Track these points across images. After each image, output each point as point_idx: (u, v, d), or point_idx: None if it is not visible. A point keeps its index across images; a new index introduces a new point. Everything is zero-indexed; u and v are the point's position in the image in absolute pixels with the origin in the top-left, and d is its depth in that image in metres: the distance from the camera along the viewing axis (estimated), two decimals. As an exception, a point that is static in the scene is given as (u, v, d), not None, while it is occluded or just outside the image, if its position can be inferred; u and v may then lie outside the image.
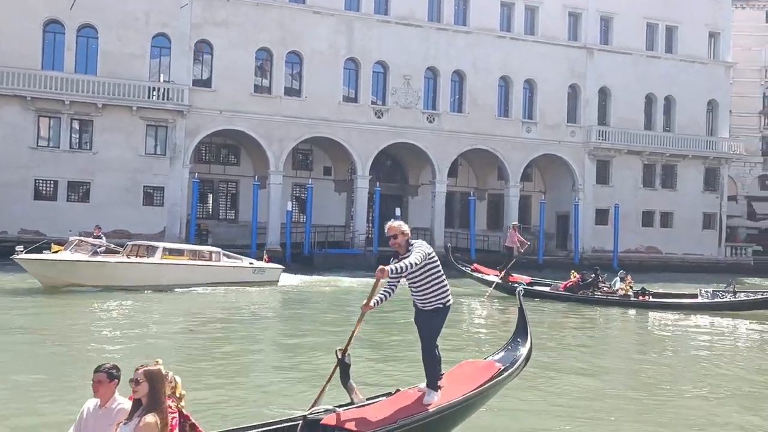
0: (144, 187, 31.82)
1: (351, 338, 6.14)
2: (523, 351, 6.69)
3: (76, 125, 31.34)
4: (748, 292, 17.60)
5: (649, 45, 41.25)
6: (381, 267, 5.77)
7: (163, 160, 32.17)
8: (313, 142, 36.27)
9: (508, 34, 38.12)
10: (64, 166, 30.66)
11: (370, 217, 36.10)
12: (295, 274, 25.66)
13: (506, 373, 6.40)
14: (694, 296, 19.09)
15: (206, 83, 33.44)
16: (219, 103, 32.95)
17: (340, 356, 6.05)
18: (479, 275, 21.78)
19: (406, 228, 6.30)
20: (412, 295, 6.29)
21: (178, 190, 32.15)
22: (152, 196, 32.06)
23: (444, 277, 6.33)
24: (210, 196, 37.08)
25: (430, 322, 6.27)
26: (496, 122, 37.83)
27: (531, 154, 38.55)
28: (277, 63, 34.18)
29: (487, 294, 19.91)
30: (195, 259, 21.44)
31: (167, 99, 31.95)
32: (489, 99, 37.75)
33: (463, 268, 22.29)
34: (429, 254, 6.13)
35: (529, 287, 20.50)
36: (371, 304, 6.00)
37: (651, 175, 41.12)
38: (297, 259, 31.26)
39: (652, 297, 19.26)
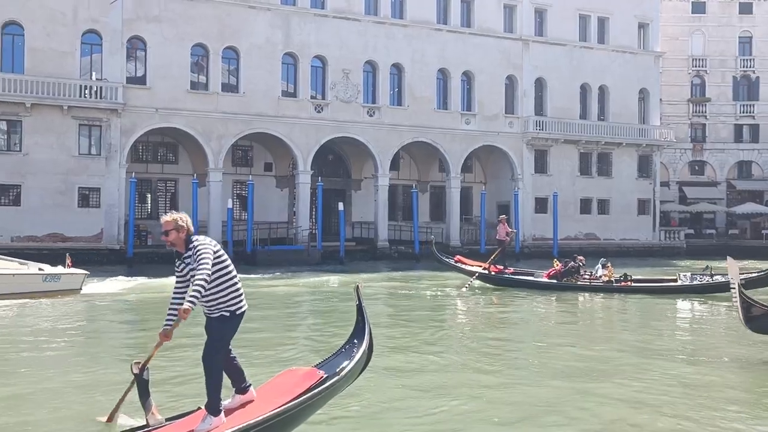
0: (79, 188, 30.92)
1: (151, 355, 5.68)
2: (357, 355, 6.00)
3: (3, 126, 30.23)
4: (723, 275, 18.31)
5: (582, 36, 42.18)
6: (164, 330, 5.44)
7: (99, 160, 31.33)
8: (253, 138, 35.87)
9: (444, 26, 38.41)
10: (-7, 169, 29.54)
11: (314, 213, 35.94)
12: (117, 276, 23.25)
13: (328, 383, 5.73)
14: (674, 281, 19.78)
15: (141, 80, 32.66)
16: (155, 100, 32.25)
17: (136, 371, 5.52)
18: (462, 266, 21.98)
19: (184, 222, 5.63)
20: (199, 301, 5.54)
21: (115, 190, 31.37)
22: (88, 197, 31.19)
23: (236, 279, 5.66)
24: (149, 195, 36.31)
25: (214, 331, 5.56)
26: (436, 114, 38.12)
27: (471, 146, 39.00)
28: (213, 59, 33.63)
29: (468, 284, 20.28)
30: None
31: (100, 98, 31.10)
32: (428, 92, 38.00)
33: (446, 260, 22.62)
34: (217, 254, 5.53)
35: (513, 277, 21.05)
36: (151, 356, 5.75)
37: (587, 164, 42.12)
38: (240, 257, 30.89)
39: (634, 282, 19.78)
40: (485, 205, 38.23)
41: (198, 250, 5.43)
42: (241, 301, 5.63)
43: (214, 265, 5.46)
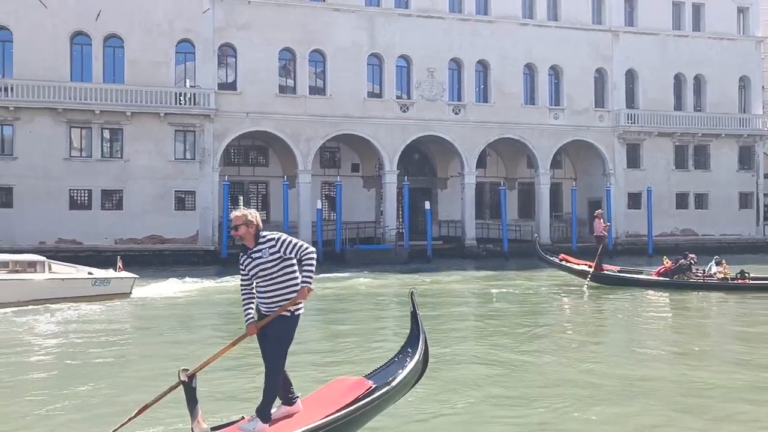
0: (175, 192, 32.20)
1: (210, 361, 5.46)
2: (410, 365, 5.72)
3: (106, 134, 31.83)
4: None
5: (675, 24, 40.58)
6: (250, 323, 5.33)
7: (193, 164, 32.52)
8: (339, 139, 36.36)
9: (530, 21, 37.79)
10: (97, 175, 31.16)
11: (400, 212, 36.10)
12: (206, 276, 22.87)
13: (377, 394, 5.46)
14: None
15: (232, 86, 33.70)
16: (245, 105, 33.20)
17: (184, 378, 5.30)
18: (569, 265, 21.40)
19: (253, 217, 5.55)
20: (259, 297, 5.49)
21: (209, 193, 32.48)
22: (184, 200, 32.44)
23: (298, 278, 5.48)
24: (241, 197, 37.35)
25: (276, 332, 5.38)
26: (523, 110, 37.55)
27: (560, 141, 38.20)
28: (300, 62, 34.31)
29: (585, 286, 19.71)
30: (4, 272, 16.76)
31: (194, 104, 32.28)
32: (514, 87, 37.48)
33: (551, 259, 22.14)
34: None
35: (621, 275, 20.31)
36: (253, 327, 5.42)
37: (683, 157, 40.49)
38: (329, 257, 31.42)
39: (751, 280, 18.88)
40: (576, 201, 37.36)
41: (282, 239, 5.45)
42: (300, 302, 5.50)
43: (285, 260, 5.43)
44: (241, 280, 5.62)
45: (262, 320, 5.39)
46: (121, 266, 19.10)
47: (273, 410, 5.57)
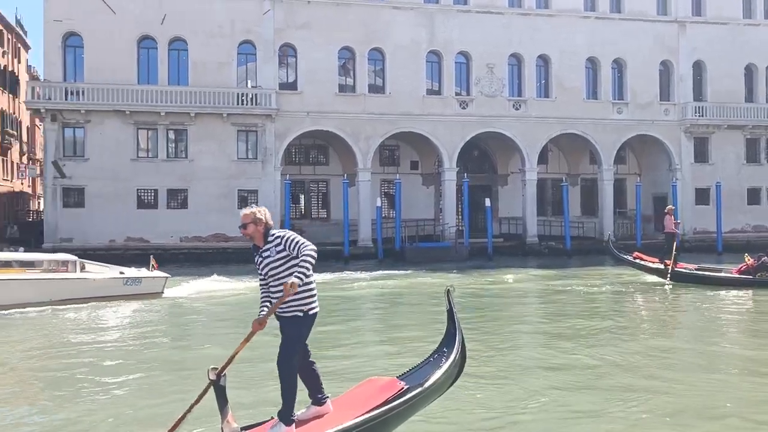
0: (238, 191, 32.81)
1: (232, 358, 5.33)
2: (445, 365, 5.59)
3: (171, 135, 32.67)
4: None
5: (746, 12, 39.13)
6: (259, 318, 5.12)
7: (255, 164, 33.07)
8: (399, 137, 36.40)
9: (593, 14, 37.03)
10: (163, 175, 32.02)
11: (460, 210, 35.91)
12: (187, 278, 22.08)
13: (408, 396, 5.33)
14: None
15: (292, 86, 34.12)
16: (305, 104, 33.57)
17: (213, 377, 5.24)
18: (643, 263, 20.99)
19: (262, 215, 5.45)
20: (271, 296, 5.41)
21: (271, 192, 32.97)
22: (246, 199, 33.01)
23: (313, 278, 5.39)
24: (302, 196, 37.87)
25: (287, 332, 5.31)
26: (585, 105, 36.85)
27: (623, 136, 37.34)
28: (359, 61, 34.48)
29: (667, 285, 19.20)
30: (38, 271, 17.12)
31: (256, 104, 32.81)
32: (576, 82, 36.80)
33: (625, 257, 21.74)
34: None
35: (701, 273, 19.71)
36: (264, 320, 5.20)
37: (755, 150, 39.03)
38: (389, 254, 31.50)
39: None
40: (640, 197, 36.44)
41: (288, 239, 5.33)
42: (314, 301, 5.40)
43: (293, 258, 5.31)
44: (260, 280, 5.56)
45: (264, 316, 5.23)
46: (155, 265, 19.03)
47: (303, 410, 5.52)
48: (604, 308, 15.99)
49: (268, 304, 5.42)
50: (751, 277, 18.53)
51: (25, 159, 55.30)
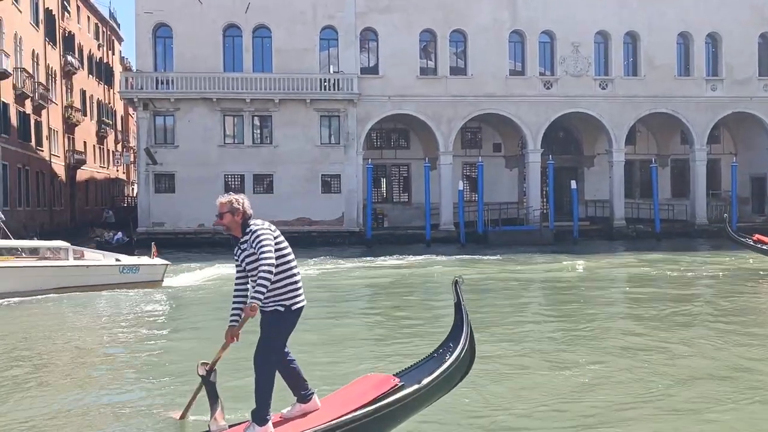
0: (322, 175, 33.23)
1: (218, 357, 5.21)
2: (449, 360, 5.23)
3: (257, 121, 33.36)
4: None
5: None
6: (230, 330, 4.93)
7: (338, 148, 33.39)
8: (481, 119, 35.95)
9: (685, -14, 35.41)
10: (249, 161, 32.77)
11: (544, 192, 35.22)
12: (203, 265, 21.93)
13: (401, 394, 5.02)
14: None
15: (373, 70, 34.18)
16: (387, 88, 33.58)
17: (202, 372, 5.07)
18: (765, 247, 20.07)
19: (240, 204, 5.12)
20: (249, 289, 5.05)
21: (354, 176, 33.23)
22: (330, 184, 33.42)
23: (295, 270, 5.05)
24: (383, 180, 38.02)
25: (266, 327, 4.99)
26: (677, 82, 35.35)
27: (718, 114, 35.64)
28: (441, 43, 34.19)
29: None
30: (30, 259, 16.43)
31: (338, 89, 33.07)
32: (667, 58, 35.32)
33: (744, 240, 20.92)
34: (277, 240, 5.01)
35: None
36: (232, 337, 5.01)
37: None
38: (471, 238, 31.26)
39: None
40: (736, 178, 34.77)
41: (256, 236, 4.96)
42: (298, 295, 5.05)
43: (278, 249, 5.00)
44: (236, 273, 5.23)
45: (236, 328, 5.01)
46: (155, 252, 18.20)
47: (288, 408, 5.31)
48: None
49: (240, 308, 5.09)
50: None
51: (119, 147, 57.82)
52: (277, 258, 4.95)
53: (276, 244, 4.99)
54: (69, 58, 41.43)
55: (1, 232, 16.56)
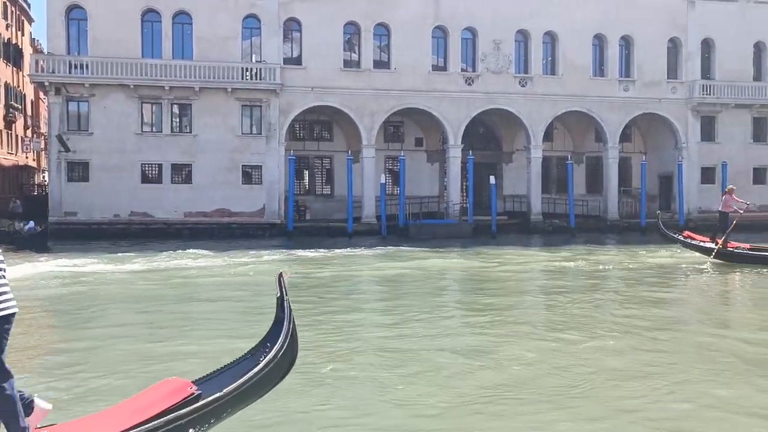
0: (242, 166, 32.76)
1: None
2: (264, 361, 4.87)
3: (176, 110, 32.56)
4: None
5: (756, -10, 38.68)
6: None
7: (260, 139, 32.98)
8: (403, 113, 36.23)
9: (601, -11, 36.61)
10: (167, 150, 31.97)
11: (464, 187, 35.83)
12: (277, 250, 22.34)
13: (195, 405, 4.58)
14: None
15: (297, 61, 33.91)
16: (310, 80, 33.38)
17: None
18: (694, 242, 20.87)
19: None
20: None
21: (275, 167, 32.92)
22: (251, 174, 32.99)
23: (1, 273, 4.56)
24: (306, 172, 37.82)
25: None
26: (592, 82, 36.58)
27: (630, 114, 37.11)
28: (365, 36, 34.23)
29: (709, 262, 19.17)
30: None
31: (260, 79, 32.65)
32: (583, 59, 36.50)
33: (674, 236, 21.74)
34: None
35: (753, 253, 19.35)
36: None
37: (762, 130, 38.77)
38: (392, 231, 31.50)
39: None
40: (646, 176, 36.31)
41: None
42: (4, 301, 4.50)
43: None
44: None
45: None
46: None
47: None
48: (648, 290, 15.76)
49: None
50: None
51: (29, 133, 55.27)
52: None
53: None
54: (-26, 37, 39.29)
55: None
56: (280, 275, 5.17)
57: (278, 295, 5.14)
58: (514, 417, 6.45)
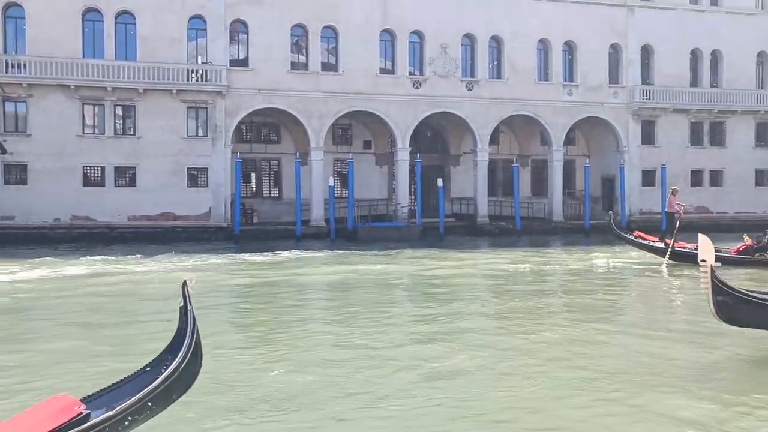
0: (188, 169, 32.26)
1: None
2: (164, 374, 4.60)
3: (119, 111, 31.86)
4: None
5: (692, -1, 40.01)
6: None
7: (206, 141, 32.53)
8: (352, 116, 36.21)
9: (545, -5, 37.31)
10: (110, 152, 31.25)
11: (413, 190, 36.01)
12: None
13: (81, 427, 4.24)
14: None
15: (243, 63, 33.57)
16: (257, 82, 33.09)
17: None
18: (645, 242, 21.38)
19: None
20: None
21: (222, 170, 32.51)
22: (197, 177, 32.50)
23: None
24: (253, 175, 37.43)
25: None
26: (537, 87, 37.22)
27: (573, 118, 37.88)
28: (312, 39, 34.10)
29: (664, 264, 19.53)
30: None
31: (206, 80, 32.20)
32: (528, 63, 37.10)
33: (626, 236, 22.15)
34: None
35: (697, 252, 19.79)
36: None
37: (699, 133, 40.06)
38: (341, 234, 31.44)
39: None
40: (589, 178, 37.10)
41: None
42: None
43: None
44: None
45: None
46: None
47: None
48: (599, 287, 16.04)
49: None
50: (749, 256, 18.92)
51: (-36, 134, 53.27)
52: None
53: None
54: None
55: None
56: (184, 283, 4.94)
57: (181, 304, 4.92)
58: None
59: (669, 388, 7.46)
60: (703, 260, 8.31)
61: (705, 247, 8.56)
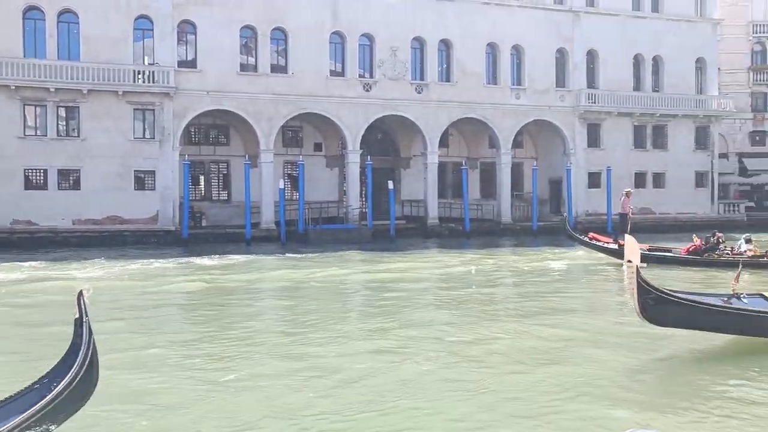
0: (135, 171, 31.64)
1: None
2: (51, 395, 4.23)
3: (62, 112, 31.07)
4: None
5: (635, 5, 41.03)
6: None
7: (153, 143, 31.97)
8: (302, 118, 36.06)
9: (493, 0, 37.77)
10: (53, 155, 30.44)
11: (363, 192, 36.05)
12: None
13: None
14: None
15: (191, 64, 33.11)
16: (205, 83, 32.68)
17: None
18: (599, 244, 21.61)
19: None
20: None
21: (169, 172, 31.99)
22: (143, 180, 31.92)
23: None
24: (202, 177, 36.93)
25: None
26: (485, 90, 37.67)
27: (521, 121, 38.47)
28: (261, 40, 33.84)
29: (625, 265, 19.63)
30: None
31: (153, 82, 31.64)
32: (477, 67, 37.54)
33: (580, 237, 22.42)
34: None
35: (650, 253, 19.87)
36: None
37: (642, 137, 41.14)
38: (292, 237, 31.27)
39: None
40: (537, 181, 37.72)
41: None
42: None
43: None
44: None
45: None
46: None
47: None
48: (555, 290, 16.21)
49: None
50: (698, 257, 19.41)
51: None
52: None
53: None
54: None
55: None
56: (80, 293, 4.63)
57: (77, 315, 4.60)
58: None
59: (595, 389, 7.63)
60: (629, 261, 8.51)
61: (631, 248, 8.79)
